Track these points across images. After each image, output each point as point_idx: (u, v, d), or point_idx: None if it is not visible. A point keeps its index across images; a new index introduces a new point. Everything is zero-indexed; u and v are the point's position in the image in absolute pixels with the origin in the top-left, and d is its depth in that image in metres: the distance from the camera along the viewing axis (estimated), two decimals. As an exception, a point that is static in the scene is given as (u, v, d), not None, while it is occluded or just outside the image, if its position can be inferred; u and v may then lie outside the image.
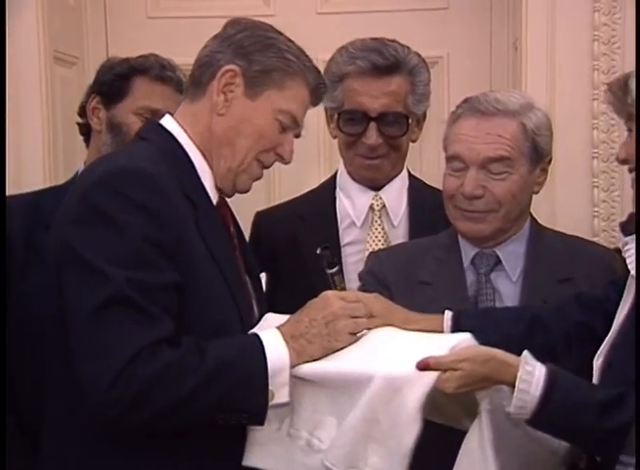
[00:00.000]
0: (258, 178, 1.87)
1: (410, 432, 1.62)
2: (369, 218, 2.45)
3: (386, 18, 3.12)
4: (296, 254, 2.40)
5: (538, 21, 2.79)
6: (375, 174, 2.44)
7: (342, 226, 2.46)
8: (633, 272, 1.78)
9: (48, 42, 2.90)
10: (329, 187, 2.53)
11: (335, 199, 2.49)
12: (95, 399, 1.62)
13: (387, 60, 2.35)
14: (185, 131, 1.82)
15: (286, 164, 1.88)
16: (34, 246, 2.19)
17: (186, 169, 1.79)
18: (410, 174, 2.54)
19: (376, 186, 2.46)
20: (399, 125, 2.39)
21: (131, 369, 1.59)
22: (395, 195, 2.47)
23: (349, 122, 2.40)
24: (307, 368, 1.70)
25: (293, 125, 1.84)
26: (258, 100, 1.80)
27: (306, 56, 1.85)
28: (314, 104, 1.89)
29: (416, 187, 2.52)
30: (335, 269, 1.99)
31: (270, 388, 1.67)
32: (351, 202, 2.47)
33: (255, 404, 1.67)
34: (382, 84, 2.36)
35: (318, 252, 2.14)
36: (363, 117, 2.37)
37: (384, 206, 2.45)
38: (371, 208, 2.45)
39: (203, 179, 1.81)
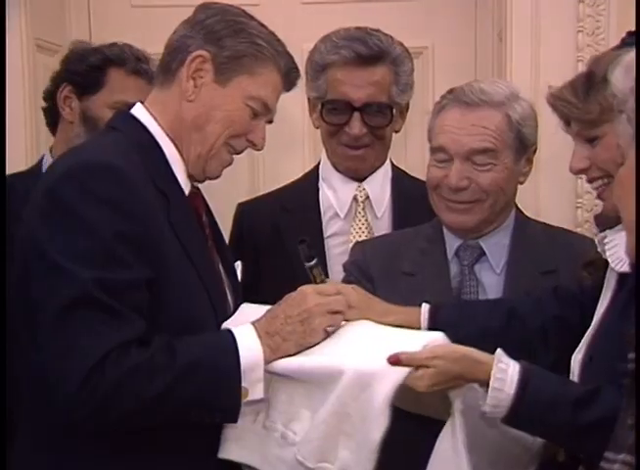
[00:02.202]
0: (229, 164, 1.84)
1: (378, 426, 1.61)
2: (352, 210, 2.43)
3: (370, 8, 3.09)
4: (279, 245, 2.37)
5: (523, 11, 2.78)
6: (359, 165, 2.41)
7: (325, 218, 2.43)
8: (613, 265, 1.76)
9: (31, 30, 2.88)
10: (312, 178, 2.50)
11: (318, 190, 2.46)
12: (63, 401, 1.59)
13: (370, 49, 2.32)
14: (155, 119, 1.78)
15: (258, 150, 1.86)
16: None
17: (157, 159, 1.76)
18: (393, 165, 2.51)
19: (359, 177, 2.43)
20: (383, 115, 2.36)
21: (99, 372, 1.56)
22: (379, 186, 2.44)
23: (333, 112, 2.37)
24: (282, 364, 1.69)
25: (264, 111, 1.81)
26: (229, 86, 1.77)
27: (278, 40, 1.81)
28: (287, 89, 1.85)
29: (399, 178, 2.49)
30: (313, 262, 1.96)
31: (244, 384, 1.64)
32: (334, 193, 2.44)
33: (228, 403, 1.65)
34: (366, 74, 2.33)
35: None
36: (347, 106, 2.34)
37: (367, 197, 2.42)
38: (354, 199, 2.43)
39: (174, 168, 1.78)
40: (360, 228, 2.42)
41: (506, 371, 1.64)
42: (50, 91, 2.46)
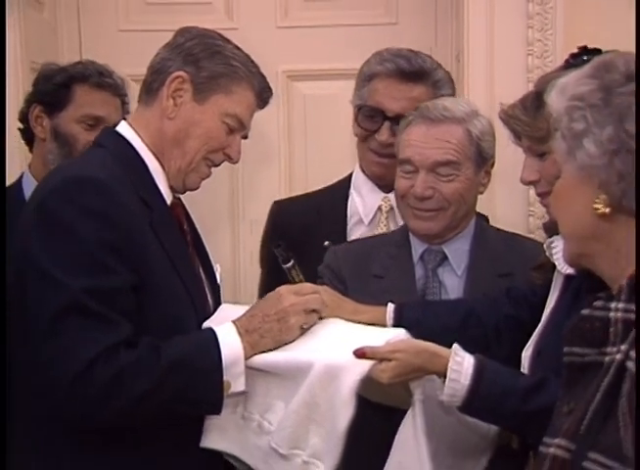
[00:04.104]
0: (207, 177, 1.85)
1: (344, 415, 1.63)
2: (376, 218, 2.40)
3: (341, 32, 3.12)
4: (306, 244, 2.32)
5: (478, 36, 2.80)
6: (384, 172, 2.35)
7: (350, 223, 2.41)
8: (559, 268, 1.78)
9: (25, 53, 2.86)
10: (344, 185, 2.48)
11: (347, 196, 2.44)
12: (54, 403, 1.60)
13: (412, 66, 2.30)
14: (139, 136, 1.79)
15: (234, 163, 1.87)
16: None
17: (140, 172, 1.77)
18: None
19: (384, 185, 2.39)
20: None
21: (89, 374, 1.57)
22: None
23: (367, 119, 2.34)
24: (259, 359, 1.70)
25: (239, 127, 1.83)
26: (206, 104, 1.78)
27: (252, 62, 1.84)
28: (260, 107, 1.87)
29: None
30: (290, 264, 1.96)
31: (226, 378, 1.66)
32: (362, 200, 2.41)
33: (212, 396, 1.66)
34: (404, 88, 2.30)
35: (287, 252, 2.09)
36: (380, 115, 2.31)
37: (392, 208, 2.39)
38: (379, 208, 2.40)
39: (156, 180, 1.79)
40: None
41: (462, 364, 1.67)
42: (23, 112, 2.45)
